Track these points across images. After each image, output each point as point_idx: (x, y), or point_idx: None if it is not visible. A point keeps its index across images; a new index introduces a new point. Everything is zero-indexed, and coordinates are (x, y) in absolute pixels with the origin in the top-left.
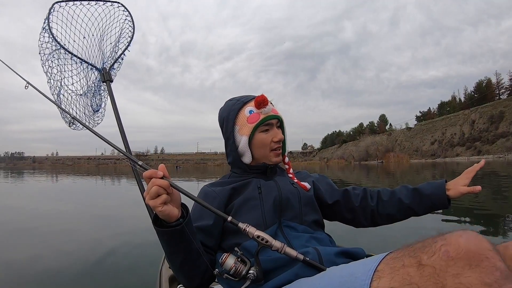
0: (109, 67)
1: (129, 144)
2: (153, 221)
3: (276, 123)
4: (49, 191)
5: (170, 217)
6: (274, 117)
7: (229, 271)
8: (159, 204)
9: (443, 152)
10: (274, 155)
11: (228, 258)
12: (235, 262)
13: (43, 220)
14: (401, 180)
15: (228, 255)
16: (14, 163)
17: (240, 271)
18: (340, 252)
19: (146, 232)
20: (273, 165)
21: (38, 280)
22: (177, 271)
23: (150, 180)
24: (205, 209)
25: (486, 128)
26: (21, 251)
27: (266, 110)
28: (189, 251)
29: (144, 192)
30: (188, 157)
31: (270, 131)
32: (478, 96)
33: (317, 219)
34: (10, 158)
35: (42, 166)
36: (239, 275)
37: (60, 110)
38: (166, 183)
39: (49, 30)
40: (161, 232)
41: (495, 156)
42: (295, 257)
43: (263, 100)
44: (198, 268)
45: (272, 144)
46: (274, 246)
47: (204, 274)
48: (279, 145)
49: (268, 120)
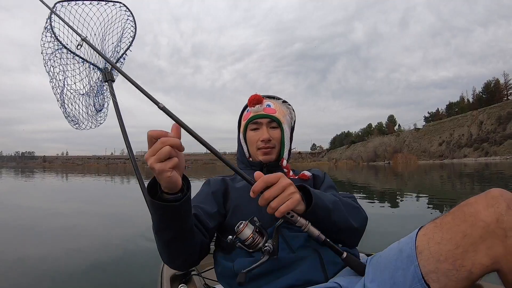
0: (111, 67)
1: (139, 144)
2: (148, 189)
3: (267, 122)
4: (58, 190)
5: (176, 186)
6: (263, 116)
7: (244, 241)
8: (169, 169)
9: (451, 153)
10: (260, 153)
11: (246, 228)
12: (253, 232)
13: (50, 219)
14: (410, 181)
15: (246, 224)
16: (24, 163)
17: (257, 242)
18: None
19: (147, 230)
20: (267, 163)
21: (44, 277)
22: (162, 248)
23: (158, 140)
24: (209, 194)
25: (494, 129)
26: (28, 249)
27: (255, 109)
28: (181, 230)
29: (146, 154)
30: (197, 157)
31: (259, 130)
32: (486, 96)
33: None
34: (20, 158)
35: (52, 166)
36: (254, 247)
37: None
38: (179, 142)
39: (51, 29)
40: (157, 205)
41: (503, 157)
42: (317, 236)
43: (253, 99)
44: (185, 250)
45: (259, 143)
46: (299, 222)
47: (189, 256)
48: (266, 145)
49: (255, 119)
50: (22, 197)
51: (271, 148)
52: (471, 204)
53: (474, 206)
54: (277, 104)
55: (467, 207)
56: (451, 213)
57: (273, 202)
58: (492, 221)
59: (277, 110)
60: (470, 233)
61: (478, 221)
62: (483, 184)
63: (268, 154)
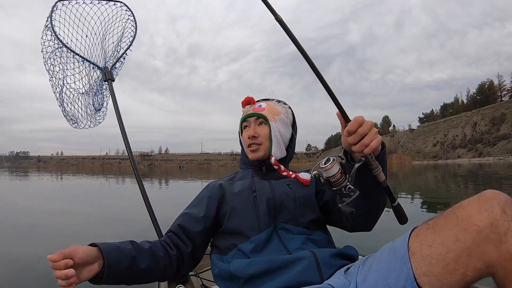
0: (111, 66)
1: (135, 144)
2: None
3: (254, 120)
4: (54, 190)
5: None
6: (251, 115)
7: (330, 177)
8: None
9: (445, 154)
10: (249, 151)
11: (335, 165)
12: (340, 170)
13: (45, 219)
14: (404, 181)
15: (335, 162)
16: (19, 163)
17: (341, 180)
18: (336, 254)
19: (143, 230)
20: (264, 161)
21: (39, 278)
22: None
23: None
24: (205, 199)
25: (488, 130)
26: (22, 249)
27: (245, 109)
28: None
29: None
30: (192, 157)
31: (248, 129)
32: (480, 98)
33: (314, 218)
34: (15, 158)
35: (47, 166)
36: (338, 185)
37: None
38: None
39: (52, 28)
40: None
41: (496, 158)
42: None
43: (245, 100)
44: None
45: (247, 140)
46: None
47: (166, 274)
48: (252, 142)
49: (245, 118)
50: (16, 197)
51: (258, 145)
52: (464, 207)
53: (467, 209)
54: (269, 104)
55: (459, 210)
56: (444, 216)
57: (366, 138)
58: (485, 226)
59: (266, 108)
60: (463, 238)
61: (471, 225)
62: (476, 184)
63: (255, 152)
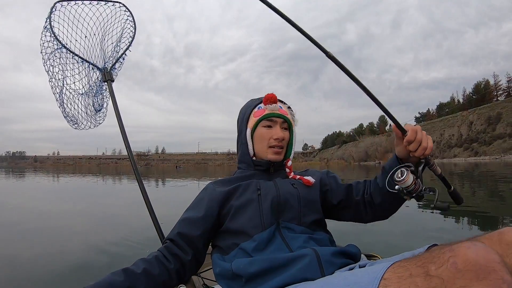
0: (110, 67)
1: (132, 144)
2: None
3: (281, 123)
4: (52, 190)
5: None
6: (279, 115)
7: (408, 187)
8: None
9: (441, 153)
10: (271, 152)
11: (410, 176)
12: (414, 179)
13: (44, 220)
14: None
15: (408, 172)
16: (15, 163)
17: (418, 187)
18: (338, 252)
19: (143, 231)
20: (274, 163)
21: (37, 279)
22: None
23: None
24: (202, 201)
25: (484, 129)
26: (23, 250)
27: (272, 107)
28: None
29: None
30: (188, 157)
31: (272, 128)
32: (476, 97)
33: (317, 219)
34: (11, 158)
35: (44, 166)
36: (415, 191)
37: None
38: None
39: (51, 29)
40: None
41: (492, 157)
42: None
43: (270, 97)
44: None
45: (271, 140)
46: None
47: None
48: (278, 144)
49: (271, 116)
50: (12, 197)
51: (281, 148)
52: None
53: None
54: (285, 108)
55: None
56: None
57: (424, 142)
58: None
59: (288, 113)
60: None
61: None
62: (474, 185)
63: (278, 154)
